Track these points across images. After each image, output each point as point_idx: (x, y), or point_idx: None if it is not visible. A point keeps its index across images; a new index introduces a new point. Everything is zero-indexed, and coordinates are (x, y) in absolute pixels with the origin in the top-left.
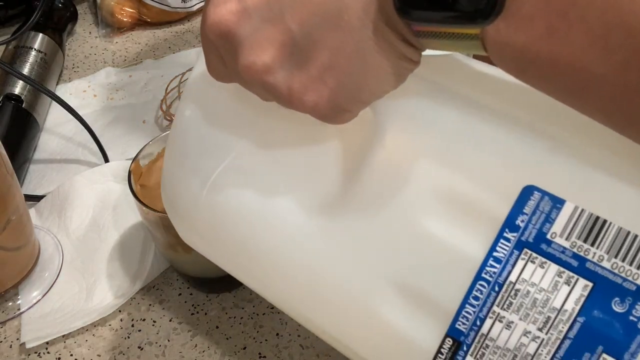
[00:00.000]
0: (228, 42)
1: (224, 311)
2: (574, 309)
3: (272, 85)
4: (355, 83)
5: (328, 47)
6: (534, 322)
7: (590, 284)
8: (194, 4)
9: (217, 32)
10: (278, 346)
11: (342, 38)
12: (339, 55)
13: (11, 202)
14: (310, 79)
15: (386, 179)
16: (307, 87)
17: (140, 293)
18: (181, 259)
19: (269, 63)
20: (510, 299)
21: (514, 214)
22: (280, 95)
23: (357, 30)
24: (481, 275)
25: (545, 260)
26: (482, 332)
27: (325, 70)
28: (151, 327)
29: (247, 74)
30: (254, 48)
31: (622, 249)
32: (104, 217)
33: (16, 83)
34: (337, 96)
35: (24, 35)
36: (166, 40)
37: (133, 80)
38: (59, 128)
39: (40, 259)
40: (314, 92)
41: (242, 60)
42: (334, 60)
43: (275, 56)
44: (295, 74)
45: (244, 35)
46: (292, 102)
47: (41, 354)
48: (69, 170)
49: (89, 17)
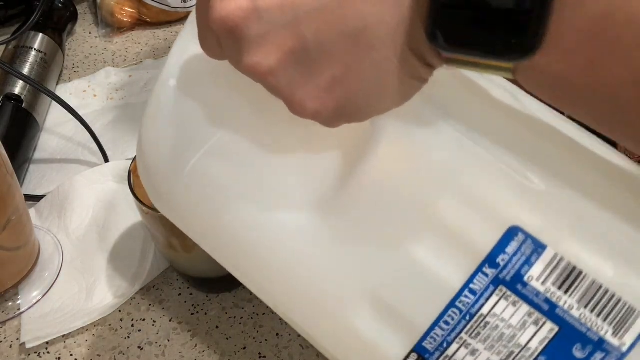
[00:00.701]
0: (233, 38)
1: (224, 311)
2: (537, 348)
3: (274, 87)
4: (362, 99)
5: (342, 61)
6: (497, 353)
7: (557, 327)
8: (194, 4)
9: (223, 27)
10: (278, 346)
11: (359, 55)
12: (351, 71)
13: (11, 202)
14: (316, 88)
15: (377, 191)
16: (312, 95)
17: (140, 293)
18: (181, 259)
19: (274, 66)
20: (479, 329)
21: (496, 252)
22: (281, 96)
23: (376, 50)
24: (455, 303)
25: (518, 299)
26: (447, 354)
27: (334, 82)
28: (151, 327)
29: (250, 72)
30: (260, 49)
31: (592, 300)
32: (104, 217)
33: (16, 83)
34: (342, 108)
35: (24, 35)
36: (166, 40)
37: (133, 80)
38: (59, 128)
39: (40, 259)
40: (318, 101)
41: (246, 59)
42: (346, 75)
43: (281, 60)
44: (301, 81)
45: (252, 35)
46: (292, 106)
47: (41, 354)
48: (69, 170)
49: (89, 17)
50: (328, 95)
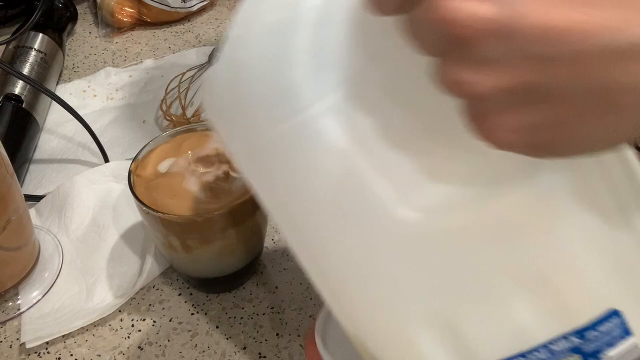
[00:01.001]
0: (454, 46)
1: (224, 311)
2: None
3: (475, 111)
4: (577, 145)
5: (575, 110)
6: None
7: None
8: (194, 4)
9: (447, 31)
10: (278, 346)
11: (600, 111)
12: (580, 122)
13: (11, 203)
14: (526, 125)
15: (493, 226)
16: (516, 128)
17: (140, 293)
18: (181, 259)
19: (489, 93)
20: None
21: (590, 327)
22: (476, 121)
23: (623, 112)
24: (527, 354)
25: None
26: None
27: (551, 125)
28: (151, 327)
29: (456, 87)
30: (485, 69)
31: None
32: (104, 217)
33: (16, 83)
34: (546, 147)
35: (24, 35)
36: (166, 40)
37: (133, 80)
38: (59, 128)
39: (40, 259)
40: (521, 135)
41: (461, 74)
42: (570, 123)
43: (502, 90)
44: (510, 112)
45: (485, 54)
46: (487, 133)
47: (41, 354)
48: (69, 170)
49: (89, 17)
50: (536, 133)
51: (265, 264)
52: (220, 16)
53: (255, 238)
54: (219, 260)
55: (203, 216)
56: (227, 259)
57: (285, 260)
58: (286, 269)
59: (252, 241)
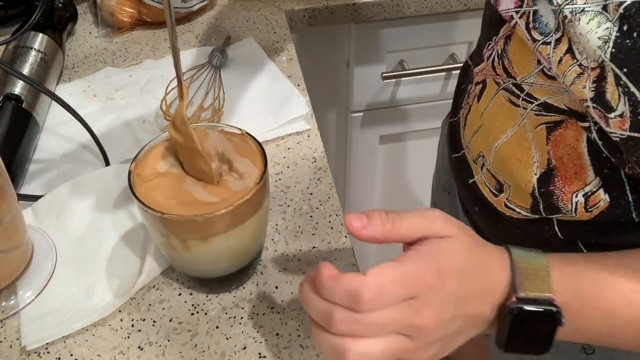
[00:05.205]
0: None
1: (224, 311)
2: None
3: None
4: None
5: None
6: None
7: None
8: (194, 4)
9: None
10: (278, 346)
11: (461, 337)
12: (451, 344)
13: (2, 203)
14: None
15: None
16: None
17: (140, 293)
18: (181, 259)
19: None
20: None
21: None
22: None
23: (474, 330)
24: None
25: None
26: None
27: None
28: (151, 327)
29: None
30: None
31: None
32: (104, 217)
33: (16, 83)
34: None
35: (24, 35)
36: (166, 40)
37: (133, 80)
38: (59, 128)
39: (34, 260)
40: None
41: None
42: (446, 347)
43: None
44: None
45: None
46: None
47: (41, 354)
48: (68, 170)
49: (89, 17)
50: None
51: (265, 264)
52: (220, 16)
53: (255, 238)
54: (219, 260)
55: (203, 216)
56: (227, 259)
57: (285, 260)
58: (286, 269)
59: (252, 241)
